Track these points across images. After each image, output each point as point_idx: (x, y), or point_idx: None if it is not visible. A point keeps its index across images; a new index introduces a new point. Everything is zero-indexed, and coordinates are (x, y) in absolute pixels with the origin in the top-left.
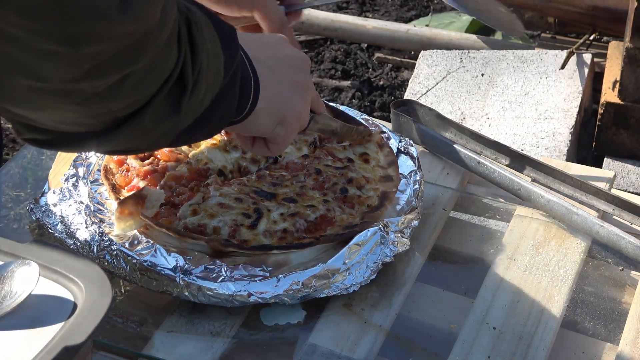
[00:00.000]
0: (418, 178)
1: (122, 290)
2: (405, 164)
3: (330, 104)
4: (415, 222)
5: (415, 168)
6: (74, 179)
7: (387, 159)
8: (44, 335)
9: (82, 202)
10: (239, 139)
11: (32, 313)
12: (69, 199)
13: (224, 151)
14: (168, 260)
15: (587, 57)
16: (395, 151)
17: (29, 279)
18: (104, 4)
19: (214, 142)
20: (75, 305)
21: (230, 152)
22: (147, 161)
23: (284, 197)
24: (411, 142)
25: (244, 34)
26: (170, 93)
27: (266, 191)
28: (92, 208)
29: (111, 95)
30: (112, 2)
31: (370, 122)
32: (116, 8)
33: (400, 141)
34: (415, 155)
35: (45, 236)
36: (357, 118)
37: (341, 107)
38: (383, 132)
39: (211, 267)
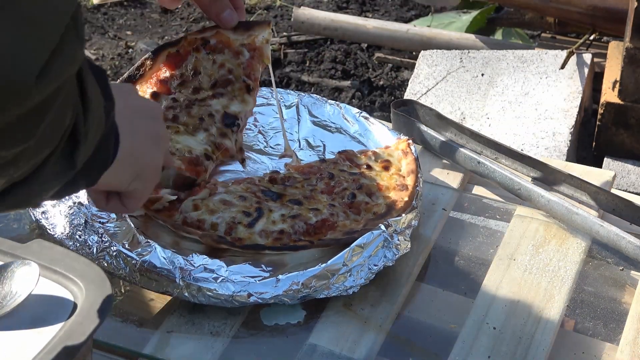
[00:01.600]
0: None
1: (122, 290)
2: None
3: None
4: (415, 222)
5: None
6: None
7: (408, 167)
8: (44, 335)
9: (81, 204)
10: (91, 194)
11: (32, 313)
12: (68, 200)
13: (190, 135)
14: (168, 261)
15: (587, 57)
16: None
17: (29, 279)
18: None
19: (177, 130)
20: (75, 305)
21: (197, 134)
22: None
23: (290, 198)
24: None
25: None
26: (64, 150)
27: (273, 191)
28: (90, 209)
29: (14, 163)
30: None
31: (370, 120)
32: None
33: None
34: (415, 155)
35: (45, 236)
36: (356, 115)
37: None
38: (410, 139)
39: (211, 267)
